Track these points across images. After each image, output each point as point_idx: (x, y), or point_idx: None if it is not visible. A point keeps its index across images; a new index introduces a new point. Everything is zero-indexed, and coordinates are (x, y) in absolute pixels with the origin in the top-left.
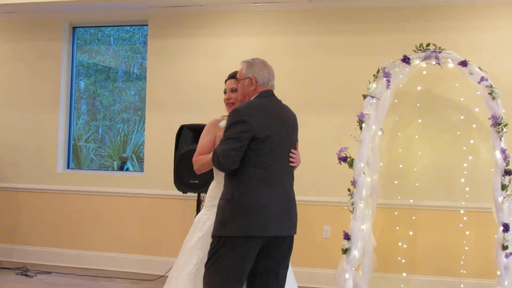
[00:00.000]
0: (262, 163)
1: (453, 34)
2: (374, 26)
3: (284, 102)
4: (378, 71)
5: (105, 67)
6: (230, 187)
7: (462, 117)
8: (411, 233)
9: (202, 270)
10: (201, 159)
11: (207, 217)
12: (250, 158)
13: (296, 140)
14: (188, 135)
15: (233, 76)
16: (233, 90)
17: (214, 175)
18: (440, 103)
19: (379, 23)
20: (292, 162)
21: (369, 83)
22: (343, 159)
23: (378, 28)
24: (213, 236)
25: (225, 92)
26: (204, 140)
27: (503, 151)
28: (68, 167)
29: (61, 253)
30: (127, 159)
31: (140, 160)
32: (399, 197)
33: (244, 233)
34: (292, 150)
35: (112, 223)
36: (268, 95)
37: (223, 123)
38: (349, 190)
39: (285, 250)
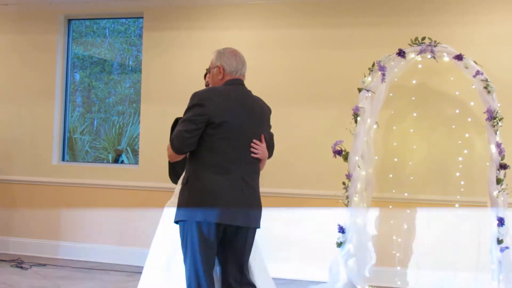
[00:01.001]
0: (217, 149)
1: (448, 28)
2: (369, 20)
3: (278, 95)
4: (373, 65)
5: (100, 59)
6: (187, 172)
7: (457, 111)
8: (405, 226)
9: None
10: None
11: (174, 205)
12: (205, 143)
13: (264, 133)
14: None
15: None
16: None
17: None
18: (435, 97)
19: (374, 16)
20: (254, 153)
21: (364, 76)
22: (338, 152)
23: (373, 21)
24: (175, 221)
25: (207, 85)
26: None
27: (498, 145)
28: (63, 160)
29: (56, 245)
30: (122, 151)
31: (135, 153)
32: (393, 191)
33: (193, 218)
34: (254, 141)
35: (107, 216)
36: (233, 83)
37: None
38: (344, 183)
39: (244, 241)
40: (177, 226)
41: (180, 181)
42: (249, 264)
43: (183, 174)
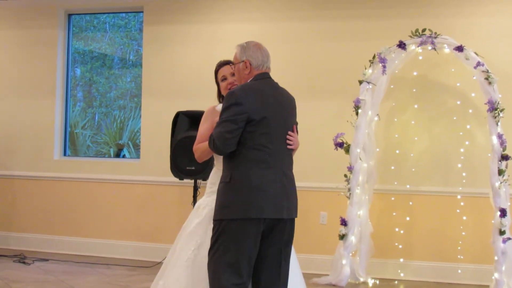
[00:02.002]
0: (259, 145)
1: (449, 19)
2: (370, 12)
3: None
4: (374, 57)
5: (101, 54)
6: (228, 170)
7: (458, 102)
8: (408, 218)
9: (200, 256)
10: (201, 146)
11: (206, 203)
12: (246, 140)
13: (294, 123)
14: (184, 122)
15: (226, 63)
16: (232, 75)
17: (214, 161)
18: (436, 88)
19: (375, 8)
20: (290, 145)
21: (365, 68)
22: (340, 145)
23: (374, 13)
24: (214, 220)
25: (222, 80)
26: (203, 127)
27: (499, 136)
28: (64, 154)
29: (58, 240)
30: (124, 146)
31: (137, 147)
32: (395, 183)
33: (242, 215)
34: (290, 132)
35: (108, 210)
36: (263, 77)
37: (219, 107)
38: (345, 176)
39: (286, 233)
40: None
41: (210, 180)
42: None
43: (214, 173)
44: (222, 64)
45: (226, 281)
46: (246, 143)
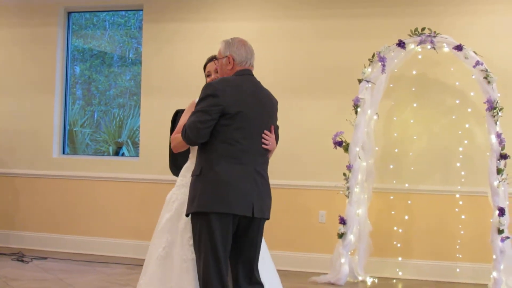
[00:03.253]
0: (232, 140)
1: (448, 18)
2: (369, 11)
3: (279, 86)
4: (373, 56)
5: (100, 52)
6: (199, 163)
7: (457, 101)
8: (406, 217)
9: (170, 254)
10: (178, 137)
11: (175, 197)
12: (219, 133)
13: (273, 124)
14: None
15: (212, 58)
16: (216, 71)
17: (190, 154)
18: (435, 87)
19: (374, 7)
20: (265, 144)
21: (364, 67)
22: (339, 143)
23: (373, 12)
24: (186, 215)
25: (207, 75)
26: (183, 119)
27: (498, 135)
28: (63, 152)
29: (57, 238)
30: (123, 144)
31: (136, 145)
32: (394, 182)
33: (209, 209)
34: (266, 132)
35: (107, 208)
36: (244, 73)
37: (197, 99)
38: (344, 174)
39: (255, 232)
40: (187, 218)
41: (182, 173)
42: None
43: (187, 165)
44: (209, 60)
45: (207, 272)
46: (219, 137)
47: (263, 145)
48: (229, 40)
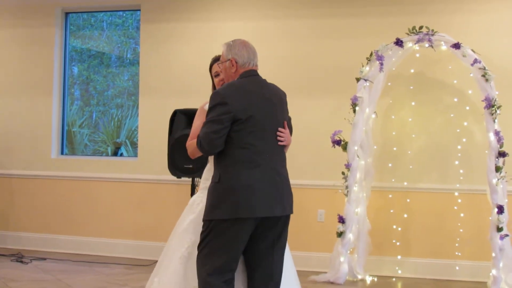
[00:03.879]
0: (246, 144)
1: (446, 16)
2: (367, 9)
3: (278, 85)
4: (371, 54)
5: (98, 52)
6: (217, 170)
7: (455, 100)
8: (405, 215)
9: (194, 253)
10: (193, 143)
11: (200, 200)
12: (233, 139)
13: (285, 119)
14: (182, 120)
15: (217, 59)
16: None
17: (208, 158)
18: (433, 85)
19: (372, 6)
20: (281, 141)
21: (362, 66)
22: (337, 142)
23: (371, 11)
24: (204, 220)
25: (215, 75)
26: (196, 124)
27: (496, 133)
28: (62, 153)
29: (56, 239)
30: (121, 144)
31: (134, 145)
32: (393, 180)
33: (231, 215)
34: (280, 129)
35: (106, 209)
36: (249, 75)
37: (206, 106)
38: (343, 173)
39: (279, 230)
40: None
41: (204, 176)
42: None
43: (208, 167)
44: (214, 60)
45: (215, 279)
46: (234, 142)
47: (279, 143)
48: (231, 42)
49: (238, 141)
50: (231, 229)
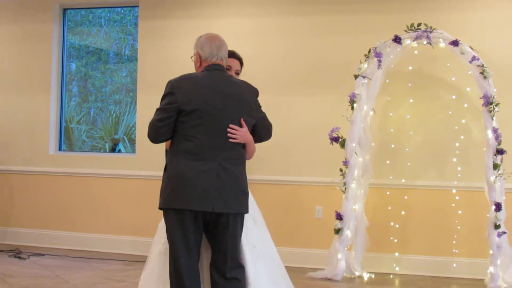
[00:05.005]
0: (190, 136)
1: (444, 13)
2: (365, 6)
3: (275, 82)
4: (369, 51)
5: (96, 48)
6: (166, 160)
7: (453, 97)
8: (403, 212)
9: None
10: None
11: None
12: (179, 130)
13: (244, 116)
14: None
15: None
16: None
17: None
18: (432, 82)
19: (370, 2)
20: (234, 139)
21: (361, 63)
22: (335, 139)
23: (369, 8)
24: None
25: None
26: None
27: (494, 130)
28: (60, 149)
29: (53, 235)
30: (119, 140)
31: (132, 142)
32: (391, 177)
33: (167, 205)
34: (231, 126)
35: (104, 205)
36: (211, 69)
37: None
38: (341, 170)
39: (223, 227)
40: None
41: None
42: (242, 252)
43: None
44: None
45: (172, 268)
46: (179, 133)
47: (229, 139)
48: (199, 36)
49: (182, 132)
50: (172, 218)
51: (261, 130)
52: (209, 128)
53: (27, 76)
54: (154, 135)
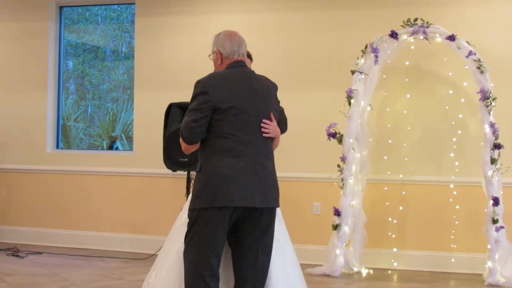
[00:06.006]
0: (227, 134)
1: (440, 8)
2: (361, 1)
3: (272, 78)
4: (366, 47)
5: (93, 46)
6: (200, 160)
7: (450, 92)
8: (401, 208)
9: None
10: None
11: None
12: (214, 129)
13: (272, 111)
14: (177, 113)
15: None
16: None
17: None
18: (429, 78)
19: None
20: (266, 133)
21: (357, 58)
22: (332, 135)
23: (365, 3)
24: (189, 210)
25: None
26: None
27: (491, 125)
28: (57, 147)
29: (51, 233)
30: (116, 138)
31: (130, 139)
32: (388, 173)
33: (210, 204)
34: (264, 120)
35: (102, 203)
36: (234, 66)
37: None
38: (338, 166)
39: (265, 224)
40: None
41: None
42: (270, 271)
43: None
44: None
45: (198, 271)
46: (215, 132)
47: (263, 134)
48: (217, 34)
49: (219, 130)
50: (212, 217)
51: (282, 123)
52: (244, 125)
53: (24, 74)
54: (190, 137)
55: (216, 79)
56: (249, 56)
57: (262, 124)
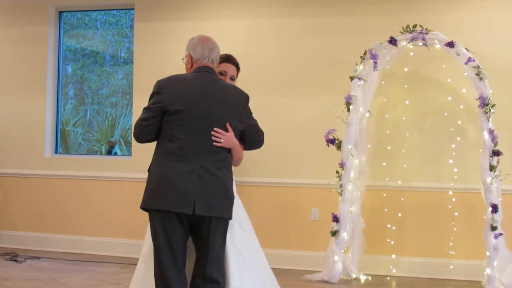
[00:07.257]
0: (173, 137)
1: (439, 15)
2: (361, 8)
3: (271, 84)
4: (365, 53)
5: (92, 51)
6: (152, 160)
7: (449, 98)
8: (399, 214)
9: None
10: None
11: None
12: (164, 131)
13: (231, 121)
14: None
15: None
16: (221, 73)
17: None
18: (427, 84)
19: (366, 4)
20: (217, 142)
21: (356, 65)
22: (331, 141)
23: (365, 9)
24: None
25: (220, 75)
26: None
27: (490, 132)
28: (56, 152)
29: (50, 238)
30: (115, 143)
31: (128, 144)
32: (387, 179)
33: (146, 205)
34: (216, 129)
35: (100, 208)
36: (200, 70)
37: None
38: (337, 172)
39: (206, 231)
40: None
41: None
42: (228, 258)
43: None
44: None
45: (157, 270)
46: (163, 134)
47: (213, 143)
48: (191, 38)
49: (167, 133)
50: (153, 219)
51: (250, 137)
52: (193, 130)
53: (23, 79)
54: (138, 135)
55: (173, 81)
56: (235, 63)
57: (212, 132)
